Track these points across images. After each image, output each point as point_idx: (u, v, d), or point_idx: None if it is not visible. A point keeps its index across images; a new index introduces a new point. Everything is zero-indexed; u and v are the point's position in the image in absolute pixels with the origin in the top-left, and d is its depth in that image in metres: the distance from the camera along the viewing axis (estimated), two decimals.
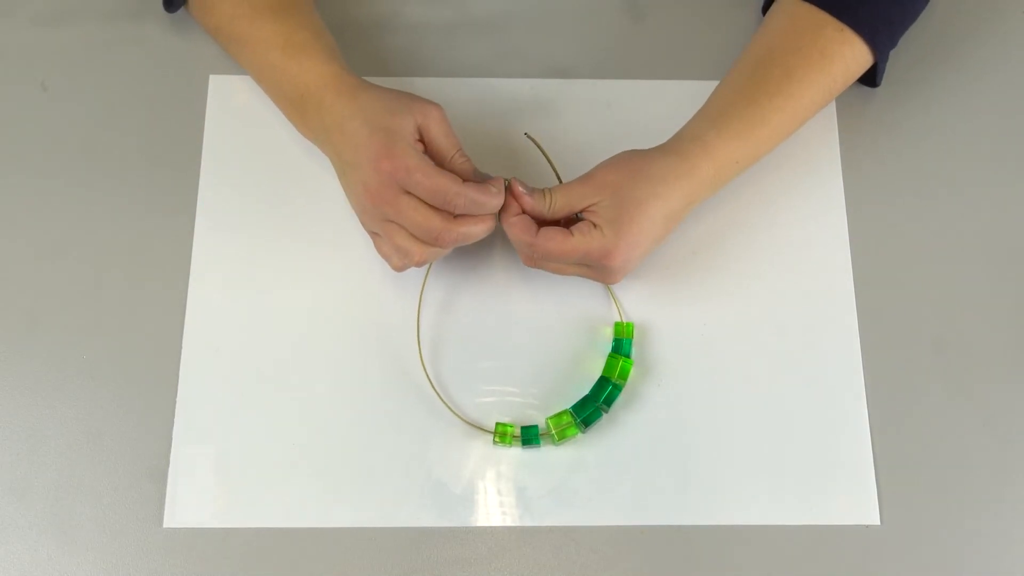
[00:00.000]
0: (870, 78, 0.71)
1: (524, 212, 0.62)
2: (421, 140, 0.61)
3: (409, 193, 0.59)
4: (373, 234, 0.64)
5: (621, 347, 0.66)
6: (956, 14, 0.75)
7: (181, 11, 0.73)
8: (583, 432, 0.64)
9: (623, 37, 0.76)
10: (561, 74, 0.74)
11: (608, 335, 0.67)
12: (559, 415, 0.64)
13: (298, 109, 0.66)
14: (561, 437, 0.64)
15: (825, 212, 0.71)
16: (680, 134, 0.65)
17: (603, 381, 0.65)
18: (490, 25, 0.76)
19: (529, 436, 0.64)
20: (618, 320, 0.67)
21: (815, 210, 0.71)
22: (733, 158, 0.64)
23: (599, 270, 0.63)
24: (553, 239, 0.61)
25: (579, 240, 0.61)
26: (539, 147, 0.67)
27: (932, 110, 0.74)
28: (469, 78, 0.74)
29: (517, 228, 0.62)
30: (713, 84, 0.73)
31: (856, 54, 0.67)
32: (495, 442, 0.64)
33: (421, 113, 0.61)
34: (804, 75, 0.65)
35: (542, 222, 0.62)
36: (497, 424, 0.64)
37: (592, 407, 0.64)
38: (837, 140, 0.72)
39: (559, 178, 0.67)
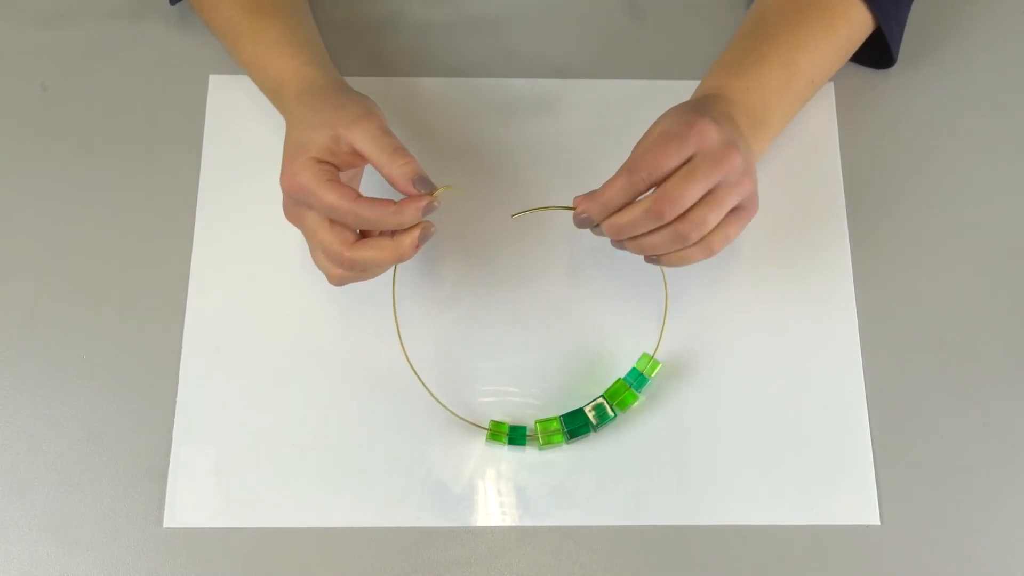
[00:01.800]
0: (887, 59, 0.71)
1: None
2: (354, 152, 0.58)
3: (312, 211, 0.58)
4: None
5: (637, 380, 0.65)
6: (956, 11, 0.75)
7: (184, 6, 0.73)
8: (567, 443, 0.64)
9: (623, 37, 0.76)
10: (561, 74, 0.74)
11: (631, 353, 0.66)
12: (548, 421, 0.64)
13: (274, 102, 0.67)
14: (546, 442, 0.64)
15: (825, 212, 0.71)
16: (700, 88, 0.66)
17: (599, 401, 0.64)
18: (490, 25, 0.76)
19: (515, 436, 0.64)
20: (647, 352, 0.66)
21: (815, 210, 0.71)
22: (741, 86, 0.64)
23: (712, 157, 0.57)
24: (654, 150, 0.58)
25: (661, 135, 0.58)
26: (535, 209, 0.64)
27: (932, 109, 0.74)
28: (469, 78, 0.74)
29: (619, 187, 0.57)
30: None
31: (856, 10, 0.67)
32: (487, 439, 0.64)
33: (344, 126, 0.58)
34: (806, 31, 0.66)
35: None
36: (491, 422, 0.64)
37: (582, 421, 0.64)
38: (837, 139, 0.72)
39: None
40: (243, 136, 0.71)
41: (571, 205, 0.60)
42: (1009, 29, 0.76)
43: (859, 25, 0.68)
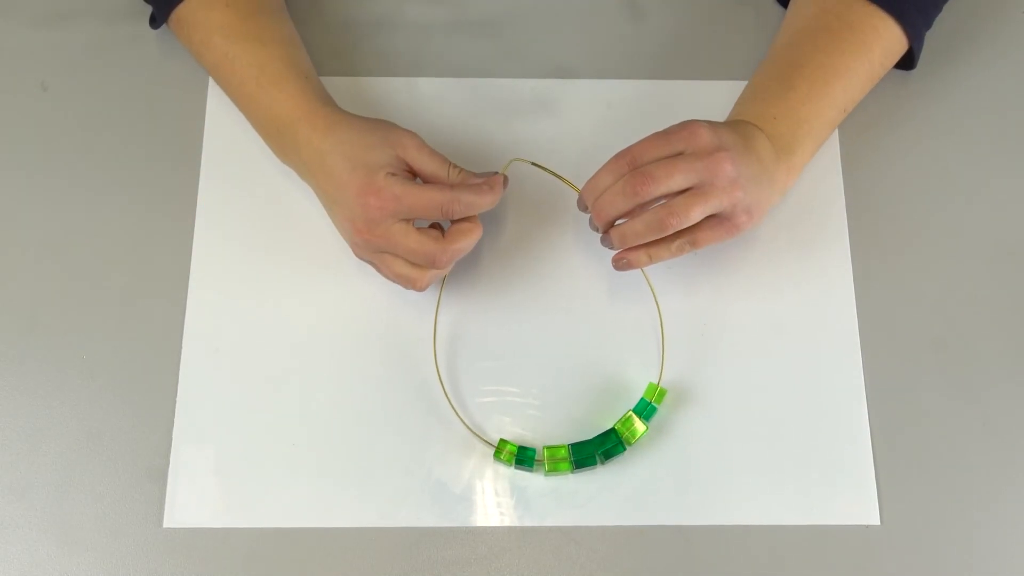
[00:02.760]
0: (907, 61, 0.71)
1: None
2: (409, 170, 0.61)
3: (399, 221, 0.59)
4: (368, 263, 0.64)
5: (645, 411, 0.64)
6: (956, 13, 0.75)
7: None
8: (572, 472, 0.64)
9: (623, 37, 0.76)
10: (561, 74, 0.74)
11: (638, 365, 0.66)
12: (556, 448, 0.64)
13: (275, 140, 0.66)
14: (552, 469, 0.63)
15: (825, 211, 0.71)
16: (731, 113, 0.66)
17: (611, 434, 0.64)
18: (490, 25, 0.76)
19: (524, 458, 0.63)
20: (653, 382, 0.65)
21: (815, 210, 0.71)
22: (770, 114, 0.64)
23: (700, 154, 0.59)
24: (641, 141, 0.60)
25: (666, 130, 0.60)
26: (543, 168, 0.66)
27: (932, 110, 0.74)
28: (469, 78, 0.74)
29: (607, 171, 0.61)
30: (713, 84, 0.73)
31: (888, 26, 0.67)
32: (494, 457, 0.63)
33: (399, 144, 0.61)
34: (839, 56, 0.66)
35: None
36: (500, 440, 0.64)
37: (590, 453, 0.63)
38: (837, 139, 0.72)
39: (575, 188, 0.66)
40: (243, 136, 0.71)
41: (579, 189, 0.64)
42: (1008, 30, 0.76)
43: (892, 44, 0.68)
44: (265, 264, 0.68)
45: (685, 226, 0.60)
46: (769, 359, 0.67)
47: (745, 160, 0.60)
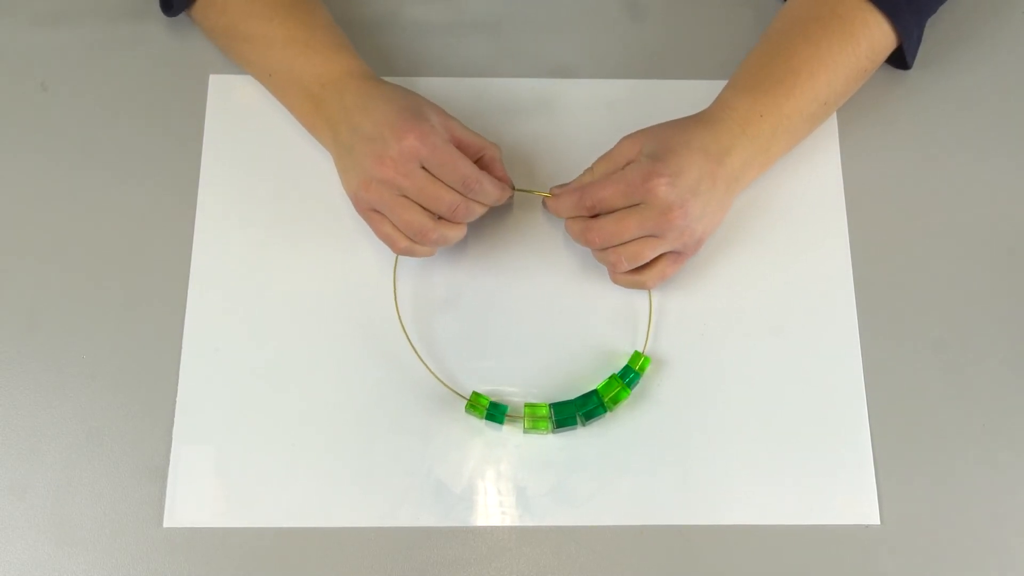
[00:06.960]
0: (902, 60, 0.71)
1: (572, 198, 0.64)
2: (452, 140, 0.63)
3: (422, 169, 0.61)
4: (372, 213, 0.63)
5: (628, 376, 0.65)
6: (956, 12, 0.75)
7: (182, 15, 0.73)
8: (553, 432, 0.64)
9: (623, 37, 0.76)
10: (561, 74, 0.74)
11: (625, 351, 0.66)
12: (537, 406, 0.64)
13: (314, 98, 0.66)
14: (532, 427, 0.64)
15: (825, 211, 0.71)
16: (719, 99, 0.67)
17: (593, 395, 0.64)
18: (490, 25, 0.76)
19: (495, 413, 0.63)
20: (638, 350, 0.66)
21: (815, 209, 0.71)
22: (756, 111, 0.65)
23: (654, 211, 0.61)
24: (593, 183, 0.63)
25: (620, 173, 0.62)
26: (524, 191, 0.68)
27: (933, 109, 0.74)
28: (469, 78, 0.74)
29: (567, 202, 0.64)
30: (712, 84, 0.73)
31: (878, 22, 0.67)
32: (466, 409, 0.64)
33: (446, 116, 0.64)
34: (824, 40, 0.66)
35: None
36: (473, 393, 0.64)
37: (571, 413, 0.64)
38: (837, 139, 0.72)
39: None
40: (243, 136, 0.71)
41: (549, 193, 0.66)
42: (1007, 30, 0.76)
43: (880, 40, 0.68)
44: (265, 263, 0.68)
45: (637, 266, 0.64)
46: (769, 358, 0.67)
47: (701, 203, 0.62)
